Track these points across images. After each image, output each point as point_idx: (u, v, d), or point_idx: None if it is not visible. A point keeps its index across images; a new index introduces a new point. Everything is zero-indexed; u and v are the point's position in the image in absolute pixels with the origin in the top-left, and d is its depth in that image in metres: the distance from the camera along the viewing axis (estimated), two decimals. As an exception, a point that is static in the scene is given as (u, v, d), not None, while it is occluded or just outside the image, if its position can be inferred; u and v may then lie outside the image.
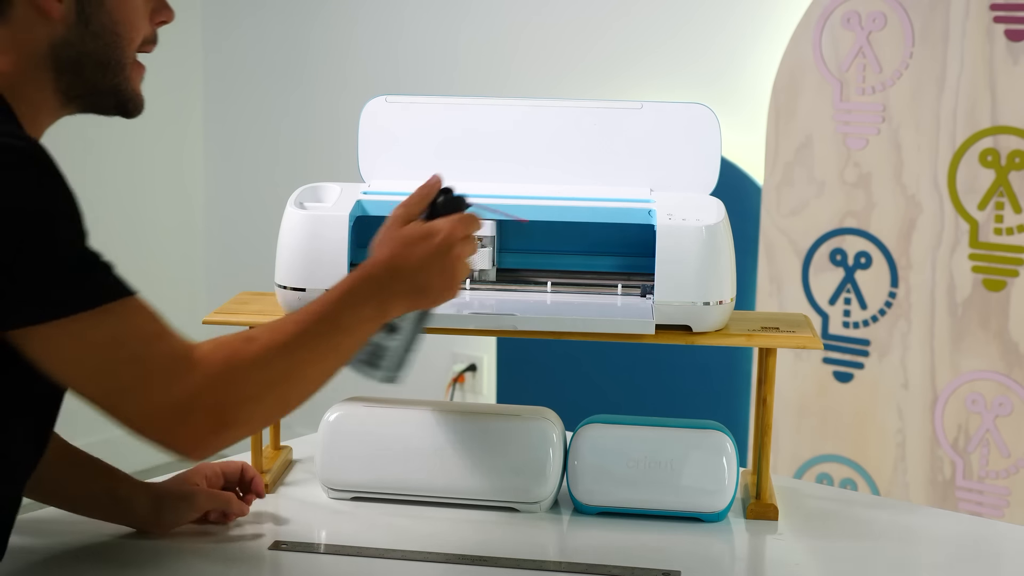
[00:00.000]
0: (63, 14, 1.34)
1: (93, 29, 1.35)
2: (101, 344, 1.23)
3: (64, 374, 1.25)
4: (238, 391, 1.28)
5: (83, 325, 1.22)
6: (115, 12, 1.36)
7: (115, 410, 1.27)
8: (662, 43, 3.45)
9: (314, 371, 1.33)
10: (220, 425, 1.27)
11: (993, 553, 1.65)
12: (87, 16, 1.35)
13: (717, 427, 1.68)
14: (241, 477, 1.63)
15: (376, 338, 1.41)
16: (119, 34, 1.37)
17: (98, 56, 1.36)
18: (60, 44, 1.35)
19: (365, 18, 3.95)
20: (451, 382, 3.81)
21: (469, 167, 1.77)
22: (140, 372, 1.25)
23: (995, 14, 2.74)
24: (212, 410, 1.27)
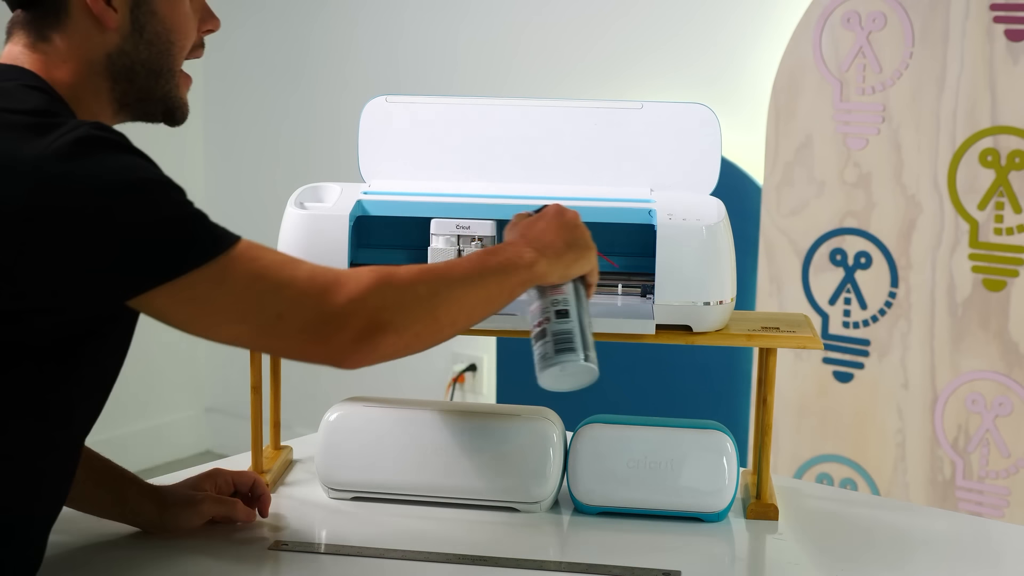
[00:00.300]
0: (118, 23, 1.41)
1: (147, 37, 1.42)
2: (244, 282, 1.28)
3: (214, 323, 1.30)
4: (389, 297, 1.33)
5: (221, 270, 1.28)
6: (167, 20, 1.43)
7: (272, 339, 1.32)
8: (662, 43, 3.45)
9: (465, 296, 1.39)
10: (375, 328, 1.31)
11: (993, 553, 1.65)
12: (141, 25, 1.42)
13: (717, 427, 1.68)
14: (251, 490, 1.63)
15: (552, 328, 1.46)
16: (172, 41, 1.44)
17: (151, 64, 1.43)
18: (116, 53, 1.41)
19: (365, 19, 3.95)
20: (451, 382, 3.81)
21: (469, 167, 1.77)
22: (290, 295, 1.29)
23: (995, 14, 2.74)
24: (366, 314, 1.31)
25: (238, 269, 1.29)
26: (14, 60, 1.41)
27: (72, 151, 1.24)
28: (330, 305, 1.30)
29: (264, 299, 1.29)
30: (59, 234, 1.23)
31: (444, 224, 1.69)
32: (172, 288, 1.26)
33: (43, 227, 1.23)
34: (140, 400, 4.12)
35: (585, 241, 1.51)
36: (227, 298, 1.28)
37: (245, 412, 4.07)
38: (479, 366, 3.82)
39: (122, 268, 1.25)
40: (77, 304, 1.27)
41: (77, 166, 1.24)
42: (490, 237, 1.70)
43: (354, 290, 1.31)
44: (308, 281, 1.30)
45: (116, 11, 1.40)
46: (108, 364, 1.39)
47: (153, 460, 4.11)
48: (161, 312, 1.29)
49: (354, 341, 1.31)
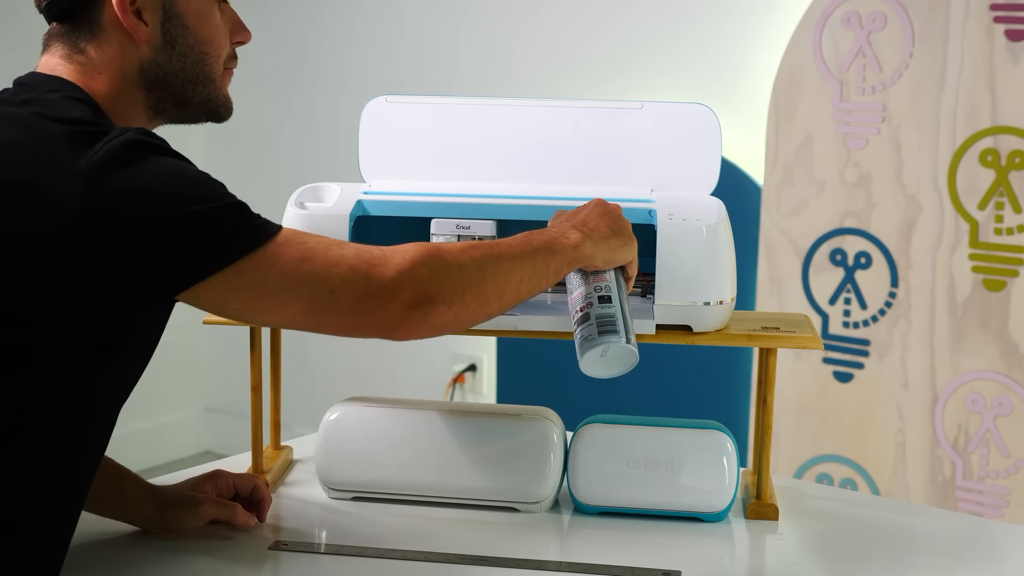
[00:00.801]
0: (149, 36, 1.44)
1: (180, 49, 1.46)
2: (294, 263, 1.32)
3: (268, 306, 1.33)
4: (437, 270, 1.36)
5: (271, 254, 1.32)
6: (199, 32, 1.47)
7: (325, 315, 1.34)
8: (662, 43, 3.45)
9: (512, 271, 1.42)
10: (425, 300, 1.35)
11: (993, 553, 1.65)
12: (172, 37, 1.45)
13: (717, 427, 1.68)
14: (251, 494, 1.63)
15: (596, 312, 1.49)
16: (205, 52, 1.48)
17: (186, 74, 1.47)
18: (149, 64, 1.45)
19: (365, 19, 3.95)
20: (451, 382, 3.81)
21: (469, 167, 1.77)
22: (339, 271, 1.33)
23: (995, 14, 2.74)
24: (415, 286, 1.34)
25: (287, 252, 1.32)
26: (52, 70, 1.44)
27: (120, 155, 1.28)
28: (379, 278, 1.33)
29: (315, 278, 1.32)
30: (114, 235, 1.26)
31: (444, 224, 1.69)
32: (224, 276, 1.30)
33: (98, 229, 1.26)
34: (140, 400, 4.10)
35: (628, 231, 1.54)
36: (279, 280, 1.32)
37: (245, 412, 4.07)
38: (479, 366, 3.82)
39: (177, 261, 1.28)
40: (130, 302, 1.31)
41: (126, 169, 1.27)
42: (490, 237, 1.69)
43: (402, 263, 1.34)
44: (356, 257, 1.34)
45: (147, 24, 1.43)
46: (133, 369, 1.42)
47: (153, 460, 4.11)
48: (216, 302, 1.32)
49: (404, 311, 1.34)
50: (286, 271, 1.32)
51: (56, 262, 1.26)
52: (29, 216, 1.26)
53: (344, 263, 1.33)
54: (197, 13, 1.46)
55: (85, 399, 1.35)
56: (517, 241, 1.45)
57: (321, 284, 1.33)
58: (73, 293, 1.28)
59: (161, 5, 1.44)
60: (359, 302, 1.33)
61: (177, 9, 1.45)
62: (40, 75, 1.44)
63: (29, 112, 1.33)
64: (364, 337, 1.37)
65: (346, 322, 1.35)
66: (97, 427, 1.39)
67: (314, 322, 1.36)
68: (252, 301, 1.33)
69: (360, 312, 1.34)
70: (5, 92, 1.42)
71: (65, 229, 1.26)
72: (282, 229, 1.34)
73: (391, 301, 1.33)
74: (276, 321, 1.38)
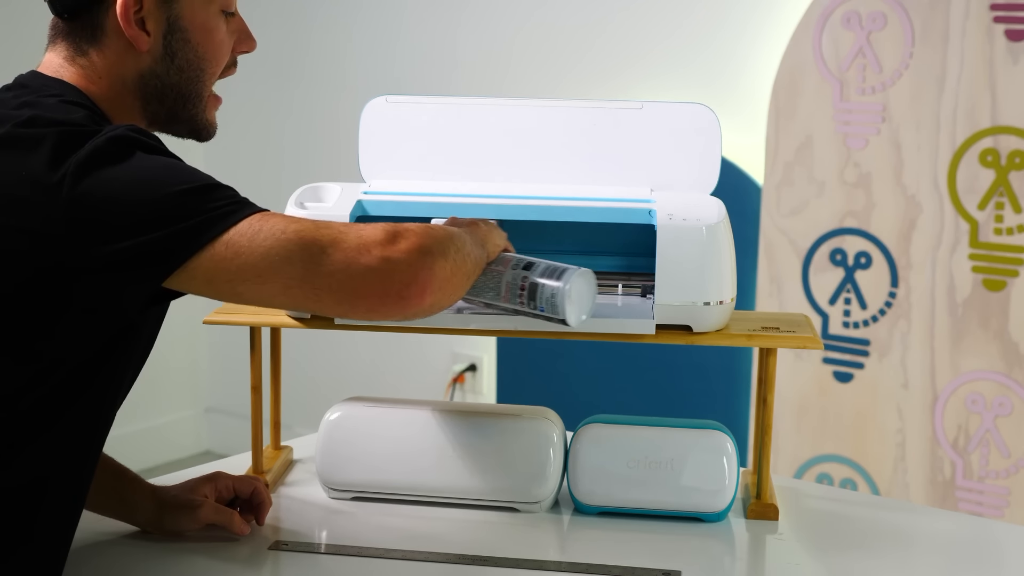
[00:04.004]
0: (150, 46, 1.43)
1: (178, 63, 1.45)
2: (281, 224, 1.29)
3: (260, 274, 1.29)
4: (434, 248, 1.34)
5: (259, 219, 1.30)
6: (200, 47, 1.46)
7: (321, 280, 1.29)
8: (662, 43, 3.45)
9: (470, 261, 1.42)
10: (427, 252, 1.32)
11: (993, 553, 1.65)
12: (173, 51, 1.45)
13: (717, 427, 1.68)
14: (251, 497, 1.63)
15: (535, 274, 1.49)
16: (202, 68, 1.47)
17: (179, 88, 1.46)
18: (147, 75, 1.44)
19: (365, 19, 3.95)
20: (451, 382, 3.81)
21: (469, 167, 1.77)
22: (330, 232, 1.30)
23: (995, 14, 2.74)
24: (417, 238, 1.32)
25: (273, 218, 1.31)
26: (55, 72, 1.44)
27: (107, 149, 1.28)
28: (373, 230, 1.31)
29: (305, 237, 1.29)
30: (103, 223, 1.26)
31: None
32: (214, 250, 1.28)
33: (88, 218, 1.26)
34: (140, 400, 4.11)
35: (469, 219, 1.53)
36: (268, 243, 1.29)
37: (245, 412, 4.07)
38: (479, 366, 3.82)
39: (167, 241, 1.27)
40: (116, 297, 1.30)
41: (113, 163, 1.28)
42: (490, 237, 1.69)
43: (402, 231, 1.32)
44: (342, 221, 1.33)
45: (149, 35, 1.43)
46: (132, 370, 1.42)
47: (153, 460, 4.11)
48: (208, 279, 1.30)
49: (410, 265, 1.31)
50: (274, 234, 1.29)
51: (51, 257, 1.26)
52: (24, 211, 1.26)
53: (333, 227, 1.31)
54: (202, 28, 1.46)
55: (88, 401, 1.35)
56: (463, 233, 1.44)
57: (313, 243, 1.29)
58: (70, 287, 1.28)
59: (165, 17, 1.43)
60: (359, 253, 1.30)
61: (182, 22, 1.44)
62: (41, 77, 1.44)
63: (26, 116, 1.33)
64: (368, 308, 1.32)
65: (346, 285, 1.30)
66: (99, 428, 1.39)
67: (309, 288, 1.30)
68: (244, 270, 1.29)
69: (364, 266, 1.30)
70: (6, 92, 1.41)
71: (57, 221, 1.26)
72: (268, 210, 1.34)
73: (395, 244, 1.31)
74: (271, 291, 1.31)
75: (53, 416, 1.33)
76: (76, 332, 1.31)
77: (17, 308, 1.28)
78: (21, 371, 1.30)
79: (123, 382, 1.41)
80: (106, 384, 1.37)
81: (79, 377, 1.33)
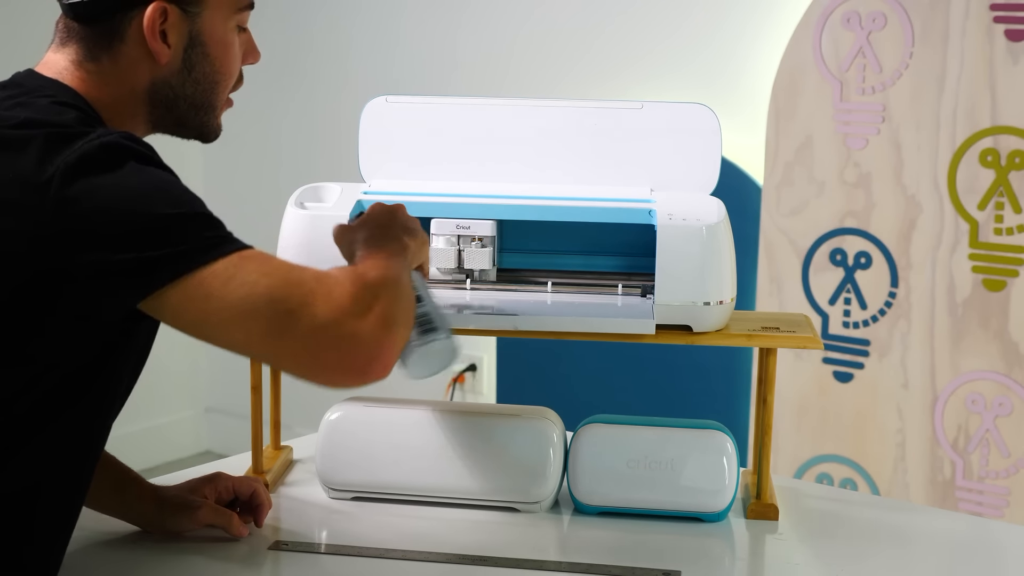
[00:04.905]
0: (169, 59, 1.43)
1: (195, 76, 1.45)
2: (254, 277, 1.26)
3: (224, 320, 1.27)
4: (399, 318, 1.31)
5: (233, 266, 1.27)
6: (217, 62, 1.47)
7: (284, 342, 1.26)
8: (662, 43, 3.45)
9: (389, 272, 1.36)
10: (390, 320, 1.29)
11: (993, 553, 1.65)
12: (191, 64, 1.45)
13: (717, 427, 1.68)
14: (250, 498, 1.62)
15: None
16: (217, 81, 1.47)
17: (194, 100, 1.47)
18: (160, 84, 1.44)
19: (365, 19, 3.95)
20: (451, 382, 3.81)
21: (469, 167, 1.77)
22: (300, 293, 1.26)
23: (995, 14, 2.74)
24: (381, 305, 1.28)
25: (249, 266, 1.27)
26: (57, 74, 1.43)
27: (97, 156, 1.27)
28: (345, 322, 1.27)
29: (275, 295, 1.26)
30: (83, 234, 1.25)
31: (444, 224, 1.70)
32: (186, 285, 1.26)
33: (70, 226, 1.25)
34: (140, 400, 4.10)
35: (416, 227, 1.48)
36: (239, 292, 1.26)
37: (245, 412, 4.07)
38: (479, 366, 3.82)
39: (141, 264, 1.25)
40: (98, 306, 1.28)
41: (101, 171, 1.27)
42: (490, 237, 1.70)
43: (359, 283, 1.29)
44: (315, 280, 1.28)
45: (170, 47, 1.42)
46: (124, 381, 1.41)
47: (153, 460, 4.11)
48: (176, 312, 1.28)
49: (374, 334, 1.27)
50: (246, 284, 1.26)
51: (46, 259, 1.26)
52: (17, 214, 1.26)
53: (305, 285, 1.27)
54: (221, 43, 1.46)
55: (84, 406, 1.35)
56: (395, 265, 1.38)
57: (281, 304, 1.26)
58: (60, 291, 1.27)
59: (188, 31, 1.43)
60: (326, 324, 1.26)
61: (203, 37, 1.44)
62: (37, 77, 1.43)
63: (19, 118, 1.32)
64: (327, 379, 1.29)
65: (308, 354, 1.27)
66: (95, 434, 1.39)
67: (271, 347, 1.28)
68: (210, 314, 1.27)
69: (330, 338, 1.26)
70: (1, 91, 1.41)
71: (46, 224, 1.25)
72: (251, 247, 1.30)
73: (364, 315, 1.27)
74: (233, 340, 1.29)
75: (47, 421, 1.32)
76: (69, 337, 1.30)
77: (14, 311, 1.28)
78: (15, 374, 1.29)
79: (118, 389, 1.41)
80: (102, 391, 1.37)
81: (74, 382, 1.33)
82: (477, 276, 1.73)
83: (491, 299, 1.71)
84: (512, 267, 1.75)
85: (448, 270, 1.72)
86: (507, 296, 1.72)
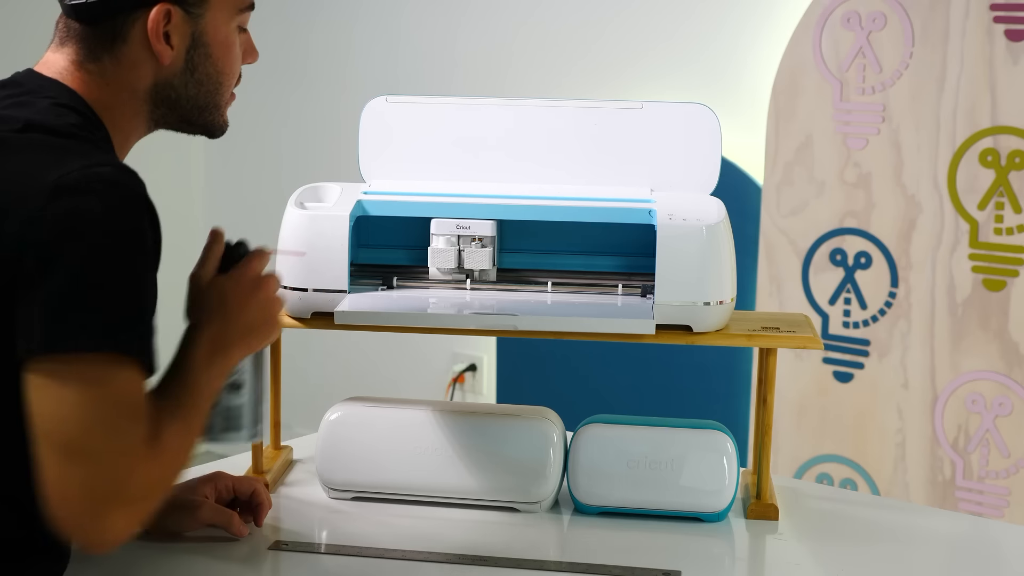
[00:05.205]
0: (172, 60, 1.43)
1: (198, 77, 1.45)
2: (70, 403, 1.24)
3: (37, 418, 1.25)
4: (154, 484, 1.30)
5: (76, 378, 1.24)
6: (220, 62, 1.47)
7: (45, 471, 1.25)
8: (662, 43, 3.45)
9: (192, 447, 1.35)
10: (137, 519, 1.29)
11: (993, 553, 1.65)
12: (194, 65, 1.45)
13: (717, 427, 1.68)
14: (250, 498, 1.62)
15: (224, 402, 1.45)
16: (220, 82, 1.48)
17: (198, 100, 1.47)
18: (163, 84, 1.44)
19: (365, 19, 3.95)
20: (451, 382, 3.81)
21: (469, 167, 1.77)
22: (78, 448, 1.24)
23: (995, 14, 2.74)
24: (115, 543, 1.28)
25: (89, 388, 1.24)
26: (57, 74, 1.42)
27: (76, 187, 1.25)
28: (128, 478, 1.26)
29: (86, 430, 1.24)
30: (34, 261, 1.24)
31: (444, 224, 1.70)
32: (40, 366, 1.24)
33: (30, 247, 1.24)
34: (140, 400, 4.10)
35: (274, 318, 1.46)
36: (51, 406, 1.24)
37: (245, 412, 4.07)
38: (479, 366, 3.82)
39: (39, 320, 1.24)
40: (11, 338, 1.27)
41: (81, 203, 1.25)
42: (490, 237, 1.70)
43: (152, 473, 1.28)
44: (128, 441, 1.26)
45: (173, 48, 1.42)
46: None
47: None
48: (29, 389, 1.25)
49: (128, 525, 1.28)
50: (62, 398, 1.23)
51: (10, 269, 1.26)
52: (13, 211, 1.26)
53: (90, 444, 1.24)
54: (224, 44, 1.46)
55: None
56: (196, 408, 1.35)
57: (62, 448, 1.24)
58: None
59: (191, 32, 1.43)
60: (75, 502, 1.25)
61: (205, 38, 1.44)
62: (37, 77, 1.43)
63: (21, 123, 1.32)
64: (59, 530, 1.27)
65: (53, 503, 1.25)
66: None
67: (40, 471, 1.25)
68: (33, 405, 1.24)
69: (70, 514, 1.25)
70: (1, 89, 1.41)
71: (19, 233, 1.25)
72: (127, 379, 1.26)
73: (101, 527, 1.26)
74: (37, 457, 1.25)
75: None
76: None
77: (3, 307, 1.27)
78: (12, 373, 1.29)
79: None
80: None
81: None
82: (477, 276, 1.73)
83: (491, 299, 1.71)
84: (512, 267, 1.75)
85: (448, 270, 1.72)
86: (507, 296, 1.72)
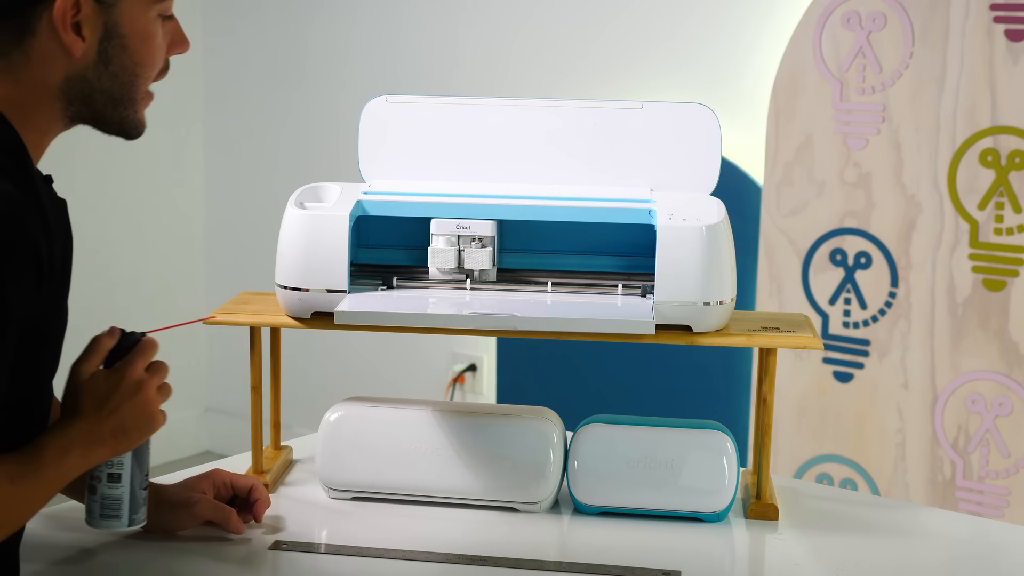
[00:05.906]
0: (84, 52, 1.37)
1: (112, 69, 1.39)
2: None
3: None
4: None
5: None
6: (137, 54, 1.40)
7: None
8: (662, 43, 3.45)
9: (21, 516, 1.33)
10: None
11: (993, 553, 1.65)
12: (108, 57, 1.38)
13: (717, 427, 1.68)
14: (249, 495, 1.62)
15: (103, 490, 1.44)
16: (137, 74, 1.41)
17: (111, 93, 1.40)
18: (75, 78, 1.38)
19: (365, 18, 3.95)
20: (451, 382, 3.81)
21: (469, 167, 1.77)
22: None
23: (995, 14, 2.74)
24: None
25: None
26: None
27: None
28: None
29: None
30: None
31: (444, 224, 1.70)
32: None
33: None
34: (140, 400, 4.10)
35: (153, 417, 1.47)
36: None
37: (245, 412, 4.07)
38: (479, 366, 3.82)
39: None
40: None
41: None
42: (490, 237, 1.70)
43: None
44: None
45: (84, 40, 1.36)
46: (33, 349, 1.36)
47: (153, 460, 4.09)
48: None
49: None
50: None
51: None
52: None
53: None
54: (141, 35, 1.40)
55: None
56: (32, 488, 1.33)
57: None
58: None
59: (103, 23, 1.37)
60: None
61: (120, 29, 1.38)
62: None
63: None
64: None
65: None
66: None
67: None
68: None
69: None
70: None
71: None
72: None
73: None
74: None
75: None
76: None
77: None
78: None
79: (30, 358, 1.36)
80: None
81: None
82: (477, 276, 1.73)
83: (491, 299, 1.71)
84: (512, 267, 1.75)
85: (448, 270, 1.72)
86: (507, 296, 1.72)
